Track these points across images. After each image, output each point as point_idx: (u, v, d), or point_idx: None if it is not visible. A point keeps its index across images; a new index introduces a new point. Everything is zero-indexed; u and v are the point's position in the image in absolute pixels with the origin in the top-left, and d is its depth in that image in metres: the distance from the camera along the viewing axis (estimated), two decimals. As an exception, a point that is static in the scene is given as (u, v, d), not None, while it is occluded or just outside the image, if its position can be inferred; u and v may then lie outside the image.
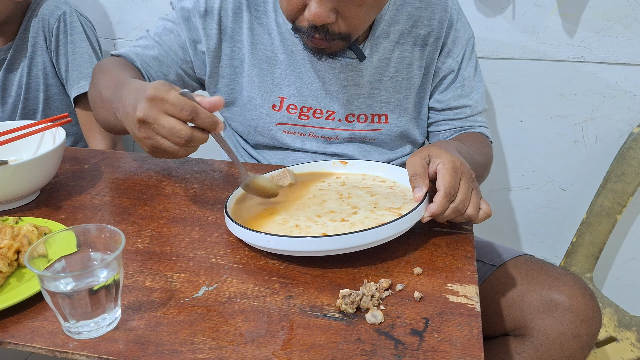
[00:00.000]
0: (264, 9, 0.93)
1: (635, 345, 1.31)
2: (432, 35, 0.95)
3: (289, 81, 0.94)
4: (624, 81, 1.27)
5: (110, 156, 0.99)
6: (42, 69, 1.36)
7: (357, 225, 0.68)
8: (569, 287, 0.82)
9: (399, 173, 0.81)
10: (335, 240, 0.61)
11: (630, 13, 1.20)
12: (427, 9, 0.94)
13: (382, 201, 0.74)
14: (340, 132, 0.97)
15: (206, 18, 0.93)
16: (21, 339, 0.54)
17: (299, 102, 0.95)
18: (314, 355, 0.51)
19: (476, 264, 0.85)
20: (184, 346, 0.53)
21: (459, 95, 0.99)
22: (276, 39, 0.93)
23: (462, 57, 0.98)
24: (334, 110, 0.96)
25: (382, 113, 0.97)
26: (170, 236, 0.72)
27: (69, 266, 0.56)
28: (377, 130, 0.98)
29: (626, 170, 1.27)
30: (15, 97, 1.38)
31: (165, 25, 0.96)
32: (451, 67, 0.97)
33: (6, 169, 0.74)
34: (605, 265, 1.46)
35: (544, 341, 0.81)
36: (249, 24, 0.93)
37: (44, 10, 1.33)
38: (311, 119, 0.96)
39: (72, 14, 1.34)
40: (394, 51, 0.94)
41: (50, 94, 1.39)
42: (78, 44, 1.34)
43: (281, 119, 0.96)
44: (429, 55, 0.96)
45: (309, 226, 0.69)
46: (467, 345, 0.52)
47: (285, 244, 0.63)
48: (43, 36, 1.34)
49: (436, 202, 0.67)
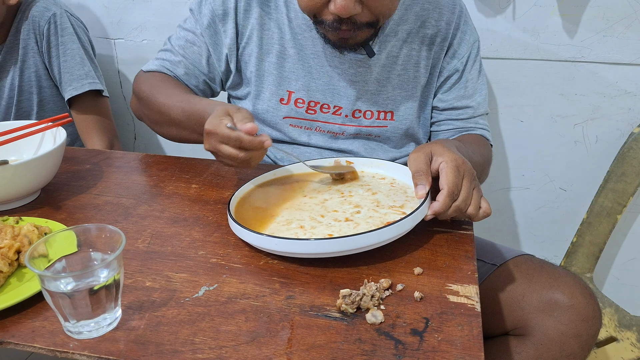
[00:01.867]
0: (275, 4, 0.95)
1: (635, 345, 1.31)
2: (439, 36, 0.96)
3: (297, 75, 0.96)
4: (625, 81, 1.27)
5: (110, 156, 0.99)
6: (35, 72, 1.35)
7: (362, 224, 0.68)
8: (569, 286, 0.82)
9: (398, 170, 0.82)
10: (342, 242, 0.62)
11: (631, 13, 1.20)
12: (435, 9, 0.95)
13: (384, 199, 0.74)
14: (347, 127, 0.98)
15: (225, 20, 0.95)
16: (21, 338, 0.54)
17: (307, 96, 0.96)
18: (315, 355, 0.51)
19: (476, 264, 0.85)
20: (185, 346, 0.53)
21: (462, 96, 1.00)
22: (287, 33, 0.95)
23: (467, 58, 0.99)
24: (341, 105, 0.97)
25: (389, 110, 0.98)
26: (170, 236, 0.72)
27: (69, 266, 0.56)
28: (383, 127, 0.99)
29: (626, 170, 1.27)
30: (7, 100, 1.37)
31: (186, 36, 0.99)
32: (456, 68, 0.99)
33: (6, 169, 0.74)
34: (605, 265, 1.46)
35: (544, 341, 0.81)
36: (259, 19, 0.95)
37: (34, 12, 1.31)
38: (318, 114, 0.97)
39: (62, 15, 1.32)
40: (402, 50, 0.96)
41: (43, 96, 1.38)
42: (69, 45, 1.33)
43: (289, 113, 0.98)
44: (435, 55, 0.97)
45: (314, 226, 0.69)
46: (468, 345, 0.52)
47: (291, 247, 0.63)
48: (34, 38, 1.32)
49: (439, 200, 0.67)
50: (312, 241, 0.62)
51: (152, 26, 1.52)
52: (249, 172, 0.91)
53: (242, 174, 0.91)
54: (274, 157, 1.02)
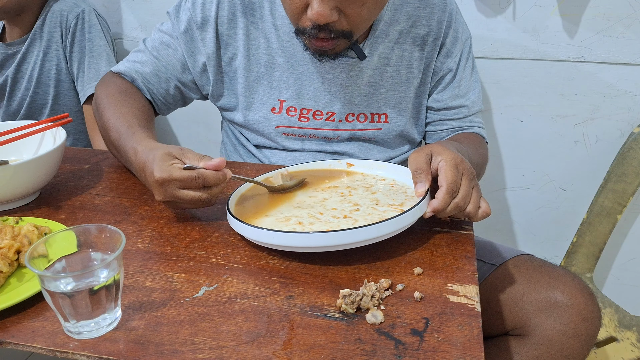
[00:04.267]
0: (260, 13, 0.93)
1: (635, 345, 1.31)
2: (431, 35, 0.95)
3: (288, 84, 0.94)
4: (625, 81, 1.27)
5: (110, 156, 0.99)
6: (56, 65, 1.36)
7: (361, 221, 0.68)
8: (568, 286, 0.82)
9: (398, 171, 0.82)
10: (340, 236, 0.61)
11: (631, 13, 1.20)
12: (425, 9, 0.94)
13: (384, 198, 0.74)
14: (341, 132, 0.98)
15: (204, 28, 0.93)
16: (21, 339, 0.54)
17: (298, 104, 0.95)
18: (314, 355, 0.51)
19: (476, 264, 0.84)
20: (184, 346, 0.53)
21: (456, 95, 1.00)
22: (274, 42, 0.93)
23: (459, 56, 0.98)
24: (334, 111, 0.96)
25: (382, 112, 0.98)
26: (170, 236, 0.72)
27: (69, 266, 0.56)
28: (377, 129, 0.98)
29: (626, 170, 1.27)
30: (24, 91, 1.39)
31: (162, 38, 0.96)
32: (450, 67, 0.98)
33: (6, 169, 0.74)
34: (605, 265, 1.46)
35: (543, 341, 0.81)
36: (245, 29, 0.93)
37: (63, 6, 1.34)
38: (311, 121, 0.96)
39: (90, 12, 1.35)
40: (394, 51, 0.95)
41: (60, 89, 1.39)
42: (97, 42, 1.35)
43: (281, 122, 0.96)
44: (428, 55, 0.96)
45: (312, 222, 0.69)
46: (468, 345, 0.52)
47: (289, 240, 0.63)
48: (59, 32, 1.34)
49: (438, 198, 0.67)
50: (311, 234, 0.62)
51: (152, 26, 1.51)
52: (249, 173, 0.91)
53: (243, 174, 0.91)
54: (268, 161, 1.01)
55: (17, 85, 1.39)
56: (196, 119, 1.60)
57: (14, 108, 1.42)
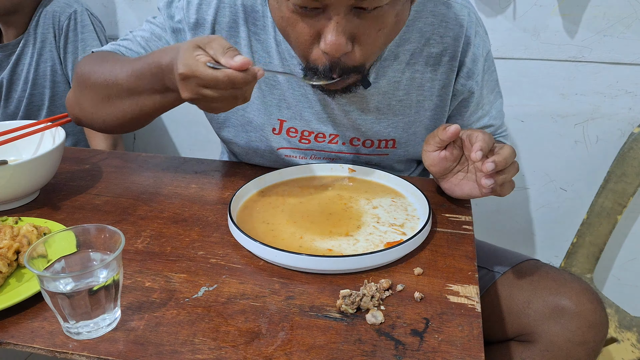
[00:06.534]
0: (263, 23, 0.84)
1: (635, 345, 1.30)
2: (447, 54, 0.85)
3: (288, 103, 0.87)
4: (625, 81, 1.27)
5: (110, 156, 0.99)
6: (51, 66, 1.36)
7: (361, 241, 0.69)
8: (575, 292, 0.80)
9: (400, 184, 0.83)
10: (342, 262, 0.62)
11: (631, 13, 1.20)
12: (440, 24, 0.83)
13: (385, 215, 0.76)
14: (344, 155, 0.91)
15: (197, 31, 0.85)
16: (21, 339, 0.54)
17: (299, 125, 0.88)
18: (314, 355, 0.51)
19: (481, 271, 0.84)
20: (184, 347, 0.52)
21: (480, 117, 0.94)
22: (275, 59, 0.85)
23: (482, 75, 0.90)
24: (337, 133, 0.89)
25: (390, 138, 0.89)
26: (170, 236, 0.72)
27: (68, 266, 0.56)
28: (384, 155, 0.92)
29: (627, 171, 1.27)
30: (20, 93, 1.39)
31: (153, 30, 0.88)
32: (471, 89, 0.88)
33: (6, 169, 0.74)
34: (605, 265, 1.46)
35: (550, 347, 0.80)
36: (247, 41, 0.85)
37: (55, 7, 1.33)
38: (313, 143, 0.90)
39: (83, 12, 1.35)
40: (404, 73, 0.85)
41: (57, 90, 1.39)
42: (89, 42, 1.35)
43: (281, 143, 0.90)
44: (443, 77, 0.86)
45: (314, 239, 0.70)
46: (468, 346, 0.52)
47: (292, 261, 0.63)
48: (53, 32, 1.34)
49: (501, 154, 0.69)
50: (312, 257, 0.62)
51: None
52: (249, 173, 0.91)
53: (243, 174, 0.91)
54: None
55: (14, 87, 1.39)
56: (196, 119, 1.60)
57: (12, 110, 1.42)
